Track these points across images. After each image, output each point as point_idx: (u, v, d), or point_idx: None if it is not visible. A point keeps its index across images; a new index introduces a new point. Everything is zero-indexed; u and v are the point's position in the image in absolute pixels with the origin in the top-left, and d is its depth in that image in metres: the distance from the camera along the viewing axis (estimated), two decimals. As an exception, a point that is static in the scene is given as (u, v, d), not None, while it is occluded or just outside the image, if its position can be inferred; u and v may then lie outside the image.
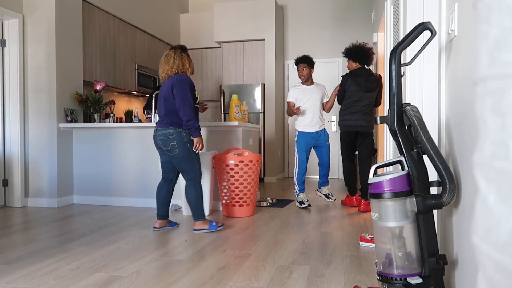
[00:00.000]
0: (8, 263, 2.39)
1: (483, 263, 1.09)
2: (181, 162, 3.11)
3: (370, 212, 4.11)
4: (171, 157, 3.11)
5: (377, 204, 1.42)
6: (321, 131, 4.29)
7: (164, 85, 3.17)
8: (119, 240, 2.91)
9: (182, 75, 3.12)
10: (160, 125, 3.12)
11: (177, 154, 3.07)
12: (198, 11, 7.72)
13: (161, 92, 3.18)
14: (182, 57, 3.16)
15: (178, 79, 3.07)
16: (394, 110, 1.43)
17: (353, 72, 4.08)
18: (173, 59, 3.13)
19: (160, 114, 3.17)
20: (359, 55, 4.07)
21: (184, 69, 3.15)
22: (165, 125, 3.08)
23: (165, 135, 3.06)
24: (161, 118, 3.15)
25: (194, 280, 2.09)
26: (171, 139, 3.05)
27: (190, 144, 3.10)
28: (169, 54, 3.15)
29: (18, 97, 4.31)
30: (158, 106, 3.21)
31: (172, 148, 3.06)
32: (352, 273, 2.18)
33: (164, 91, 3.12)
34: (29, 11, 4.36)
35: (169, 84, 3.09)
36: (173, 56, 3.14)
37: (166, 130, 3.07)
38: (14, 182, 4.35)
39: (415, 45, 1.71)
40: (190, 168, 3.13)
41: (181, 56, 3.15)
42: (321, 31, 7.09)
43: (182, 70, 3.15)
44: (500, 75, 0.90)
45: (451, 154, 1.53)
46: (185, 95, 3.04)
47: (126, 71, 5.71)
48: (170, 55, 3.14)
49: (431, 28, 1.40)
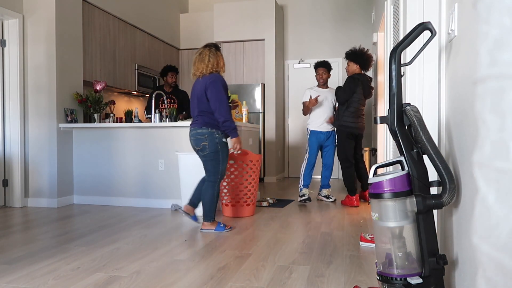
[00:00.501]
0: (8, 263, 2.39)
1: (483, 263, 1.09)
2: (208, 161, 3.12)
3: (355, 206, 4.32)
4: (201, 156, 3.14)
5: (377, 204, 1.42)
6: (332, 131, 4.53)
7: (197, 85, 3.16)
8: (119, 240, 2.91)
9: (215, 75, 3.11)
10: (193, 125, 3.15)
11: (207, 154, 3.10)
12: (198, 11, 7.73)
13: (193, 91, 3.18)
14: (217, 55, 3.16)
15: (211, 80, 3.07)
16: (394, 110, 1.42)
17: (362, 78, 4.25)
18: (208, 57, 3.11)
19: (194, 114, 3.18)
20: (362, 59, 4.25)
21: (218, 68, 3.15)
22: (198, 125, 3.11)
23: (197, 135, 3.09)
24: (194, 118, 3.17)
25: (194, 280, 2.09)
26: (203, 139, 3.08)
27: (220, 146, 3.11)
28: (204, 52, 3.13)
29: (18, 97, 4.31)
30: (192, 106, 3.21)
31: (203, 148, 3.09)
32: (352, 273, 2.18)
33: (198, 91, 3.12)
34: (29, 11, 4.36)
35: (203, 84, 3.09)
36: (209, 55, 3.12)
37: (199, 130, 3.09)
38: (14, 182, 4.35)
39: (415, 45, 1.71)
40: (214, 170, 3.13)
41: (216, 55, 3.15)
42: (321, 31, 7.09)
43: (216, 69, 3.14)
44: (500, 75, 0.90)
45: (451, 154, 1.53)
46: (220, 96, 3.05)
47: (126, 71, 5.71)
48: (205, 53, 3.12)
49: (431, 28, 1.40)
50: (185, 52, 7.34)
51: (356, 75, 4.27)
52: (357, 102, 4.23)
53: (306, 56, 7.16)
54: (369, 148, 5.02)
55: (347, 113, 4.23)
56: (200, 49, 3.19)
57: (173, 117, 4.62)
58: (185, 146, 4.21)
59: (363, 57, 4.25)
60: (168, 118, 4.62)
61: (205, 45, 3.21)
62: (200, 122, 3.10)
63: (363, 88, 4.22)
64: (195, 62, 3.16)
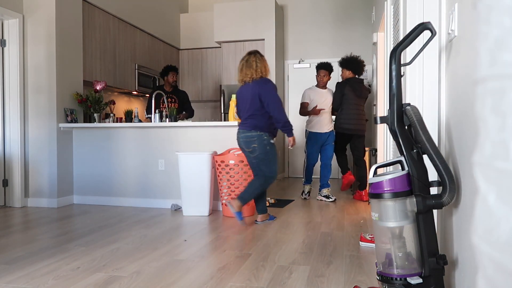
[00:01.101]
0: (8, 263, 2.39)
1: (483, 263, 1.09)
2: (260, 162, 3.31)
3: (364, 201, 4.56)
4: (249, 157, 3.35)
5: (377, 204, 1.42)
6: (331, 132, 4.67)
7: (247, 88, 3.32)
8: (119, 240, 2.91)
9: (267, 80, 3.30)
10: (243, 127, 3.33)
11: (257, 155, 3.29)
12: (198, 11, 7.73)
13: (242, 95, 3.36)
14: (263, 61, 3.36)
15: (265, 84, 3.25)
16: (394, 110, 1.42)
17: (350, 80, 4.59)
18: (255, 63, 3.31)
19: (243, 117, 3.35)
20: (354, 65, 4.60)
21: (266, 72, 3.35)
22: (248, 128, 3.28)
23: (247, 138, 3.27)
24: (244, 121, 3.34)
25: (194, 280, 2.09)
26: (252, 141, 3.26)
27: (269, 147, 3.30)
28: (251, 58, 3.34)
29: (18, 97, 4.31)
30: (241, 109, 3.38)
31: (253, 150, 3.28)
32: (352, 273, 2.18)
33: (249, 94, 3.28)
34: (29, 11, 4.36)
35: (255, 88, 3.25)
36: (255, 60, 3.32)
37: (248, 133, 3.27)
38: (14, 182, 4.35)
39: (415, 45, 1.72)
40: (268, 169, 3.33)
41: (262, 60, 3.35)
42: (321, 31, 7.09)
43: (264, 74, 3.34)
44: (500, 75, 0.90)
45: (451, 154, 1.53)
46: (276, 99, 3.25)
47: (126, 71, 5.71)
48: (253, 60, 3.32)
49: (431, 28, 1.40)
50: (185, 52, 7.34)
51: (345, 79, 4.62)
52: (351, 104, 4.53)
53: (306, 56, 7.16)
54: (369, 148, 5.02)
55: (343, 115, 4.58)
56: (245, 56, 3.39)
57: (173, 117, 4.62)
58: (185, 146, 4.21)
59: (354, 63, 4.60)
60: (168, 118, 4.62)
61: (249, 52, 3.41)
62: (249, 125, 3.28)
63: (352, 89, 4.52)
64: (241, 69, 3.36)
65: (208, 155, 3.77)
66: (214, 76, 7.19)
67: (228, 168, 3.67)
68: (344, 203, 4.44)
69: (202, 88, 7.24)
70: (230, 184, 3.69)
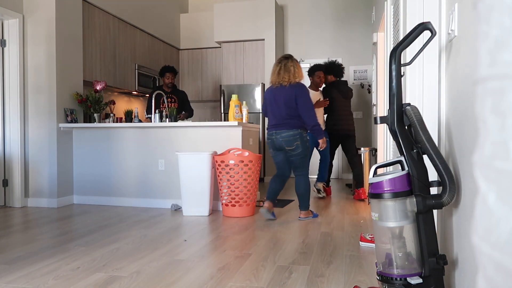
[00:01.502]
0: (8, 263, 2.39)
1: (483, 263, 1.09)
2: (299, 158, 3.52)
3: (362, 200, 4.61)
4: (292, 155, 3.50)
5: (377, 204, 1.42)
6: (325, 130, 4.93)
7: (283, 91, 3.48)
8: (119, 240, 2.91)
9: (302, 84, 3.52)
10: (281, 127, 3.48)
11: (299, 151, 3.49)
12: (198, 11, 7.73)
13: (277, 97, 3.51)
14: (298, 66, 3.56)
15: (301, 88, 3.48)
16: (394, 110, 1.43)
17: (335, 83, 4.90)
18: (293, 68, 3.50)
19: (280, 118, 3.50)
20: (335, 69, 4.92)
21: (301, 76, 3.55)
22: (289, 128, 3.46)
23: (289, 136, 3.45)
24: (281, 122, 3.49)
25: (194, 280, 2.09)
26: (295, 139, 3.45)
27: (308, 144, 3.56)
28: (288, 63, 3.51)
29: (18, 97, 4.31)
30: (273, 110, 3.54)
31: (296, 147, 3.47)
32: (352, 273, 2.18)
33: (285, 97, 3.46)
34: (29, 11, 4.36)
35: (292, 91, 3.44)
36: (292, 65, 3.51)
37: (290, 132, 3.45)
38: (14, 182, 4.35)
39: (415, 45, 1.72)
40: (304, 164, 3.56)
41: (298, 65, 3.56)
42: (321, 31, 7.09)
43: (299, 78, 3.54)
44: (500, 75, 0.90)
45: (451, 154, 1.53)
46: (309, 103, 3.45)
47: (126, 71, 5.71)
48: (290, 64, 3.51)
49: (431, 28, 1.40)
50: (185, 52, 7.34)
51: (329, 83, 4.92)
52: (339, 106, 4.81)
53: (306, 56, 7.16)
54: (369, 148, 5.02)
55: (333, 117, 4.86)
56: (282, 60, 3.54)
57: (173, 117, 4.62)
58: (185, 146, 4.21)
59: (335, 68, 4.93)
60: (168, 118, 4.62)
61: (285, 57, 3.56)
62: (291, 124, 3.46)
63: (339, 91, 4.82)
64: (278, 72, 3.51)
65: (208, 155, 3.77)
66: (214, 76, 7.19)
67: (228, 168, 3.67)
68: (344, 203, 4.44)
69: (202, 88, 7.24)
70: (230, 184, 3.69)
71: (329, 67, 4.95)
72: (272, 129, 3.53)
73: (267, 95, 3.61)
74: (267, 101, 3.61)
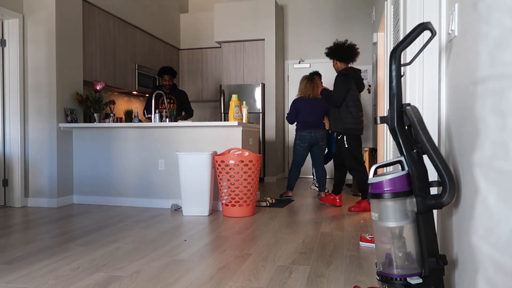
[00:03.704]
0: (8, 263, 2.39)
1: (483, 263, 1.09)
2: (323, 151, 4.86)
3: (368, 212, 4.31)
4: (322, 149, 4.79)
5: (377, 204, 1.42)
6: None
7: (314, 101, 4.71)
8: (119, 240, 2.91)
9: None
10: (317, 128, 4.69)
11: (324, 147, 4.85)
12: (198, 11, 7.72)
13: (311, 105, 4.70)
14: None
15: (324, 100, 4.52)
16: (394, 110, 1.42)
17: (351, 72, 3.99)
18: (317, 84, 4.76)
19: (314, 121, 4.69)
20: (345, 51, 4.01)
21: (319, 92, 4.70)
22: (323, 129, 4.74)
23: (324, 135, 4.75)
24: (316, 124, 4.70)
25: (194, 280, 2.09)
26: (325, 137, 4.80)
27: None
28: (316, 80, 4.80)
29: (18, 97, 4.31)
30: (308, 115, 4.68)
31: (325, 143, 4.80)
32: (352, 273, 2.18)
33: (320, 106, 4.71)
34: (29, 11, 4.36)
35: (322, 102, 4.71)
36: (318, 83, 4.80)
37: (323, 132, 4.74)
38: (14, 182, 4.35)
39: (415, 45, 1.71)
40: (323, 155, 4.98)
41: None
42: (321, 31, 7.09)
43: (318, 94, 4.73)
44: (500, 75, 0.90)
45: (451, 154, 1.53)
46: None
47: (126, 71, 5.71)
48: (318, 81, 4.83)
49: (431, 28, 1.40)
50: (185, 52, 7.34)
51: (345, 70, 4.01)
52: (354, 100, 3.98)
53: (306, 56, 7.16)
54: (369, 148, 5.02)
55: (349, 114, 3.96)
56: (309, 77, 4.82)
57: (173, 117, 4.62)
58: (185, 146, 4.21)
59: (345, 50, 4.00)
60: (168, 118, 4.62)
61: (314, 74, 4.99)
62: (323, 126, 4.73)
63: (356, 82, 3.99)
64: (312, 87, 4.71)
65: (208, 155, 3.77)
66: (214, 76, 7.18)
67: (228, 168, 3.67)
68: (344, 203, 4.43)
69: (202, 88, 7.24)
70: (230, 184, 3.69)
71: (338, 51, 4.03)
72: (311, 129, 4.65)
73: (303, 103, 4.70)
74: (303, 108, 4.68)
